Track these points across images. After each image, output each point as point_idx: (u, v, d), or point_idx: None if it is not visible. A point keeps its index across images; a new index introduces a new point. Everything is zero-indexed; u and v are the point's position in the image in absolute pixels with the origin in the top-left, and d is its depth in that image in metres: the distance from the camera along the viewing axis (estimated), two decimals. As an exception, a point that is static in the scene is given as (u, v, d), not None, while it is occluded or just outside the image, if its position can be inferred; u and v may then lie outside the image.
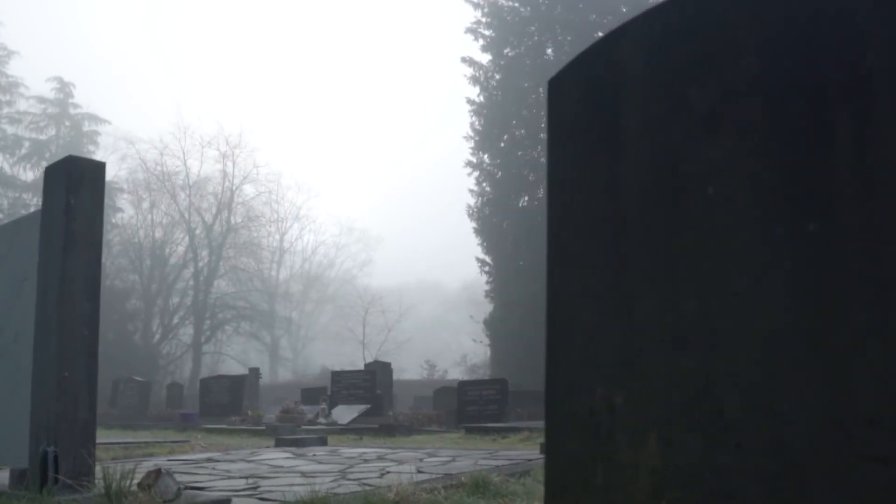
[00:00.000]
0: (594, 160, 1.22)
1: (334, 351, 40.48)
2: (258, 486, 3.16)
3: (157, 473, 2.55)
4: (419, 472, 3.56)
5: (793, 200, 0.90)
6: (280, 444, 5.69)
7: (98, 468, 2.73)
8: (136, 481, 2.53)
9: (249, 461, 4.40)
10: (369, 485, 3.12)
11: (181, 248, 32.09)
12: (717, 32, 1.03)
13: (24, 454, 2.78)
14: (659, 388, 1.04)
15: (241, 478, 3.47)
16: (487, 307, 25.78)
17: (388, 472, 3.59)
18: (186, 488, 2.76)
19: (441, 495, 2.77)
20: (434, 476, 3.30)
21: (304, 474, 3.60)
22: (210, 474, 3.64)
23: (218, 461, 4.45)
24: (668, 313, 1.04)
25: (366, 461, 4.24)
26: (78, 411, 2.71)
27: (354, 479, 3.32)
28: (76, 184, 2.83)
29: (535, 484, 3.20)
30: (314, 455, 4.71)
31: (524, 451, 4.90)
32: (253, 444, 6.63)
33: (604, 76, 1.22)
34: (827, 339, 0.84)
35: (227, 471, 3.82)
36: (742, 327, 0.93)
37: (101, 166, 2.96)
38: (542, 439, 7.49)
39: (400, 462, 4.14)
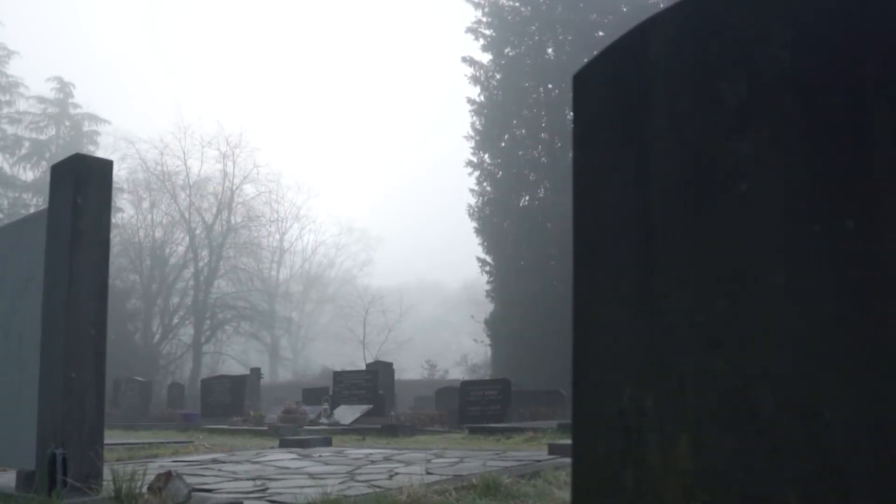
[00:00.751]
0: (621, 156, 1.19)
1: (334, 351, 40.45)
2: (267, 488, 3.13)
3: (168, 476, 2.52)
4: (428, 473, 3.53)
5: (829, 197, 0.88)
6: (285, 444, 5.66)
7: (105, 470, 2.70)
8: (145, 484, 2.50)
9: (255, 462, 4.37)
10: (379, 486, 3.09)
11: (181, 248, 32.07)
12: (747, 25, 1.00)
13: (31, 456, 2.75)
14: (690, 389, 1.01)
15: (248, 479, 3.44)
16: (488, 307, 25.76)
17: (397, 474, 3.56)
18: (196, 490, 2.72)
19: (452, 497, 2.74)
20: (444, 477, 3.27)
21: (311, 476, 3.57)
22: (216, 476, 3.61)
23: (223, 462, 4.42)
24: (699, 313, 1.02)
25: (373, 462, 4.21)
26: (85, 413, 2.68)
27: (363, 481, 3.29)
28: (83, 182, 2.80)
29: (546, 485, 3.17)
30: (320, 456, 4.68)
31: (531, 451, 4.87)
32: (257, 445, 6.60)
33: (631, 71, 1.19)
34: (866, 339, 0.81)
35: (234, 472, 3.79)
36: (778, 327, 0.91)
37: (108, 164, 2.93)
38: (547, 440, 7.47)
39: (407, 463, 4.11)
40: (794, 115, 0.95)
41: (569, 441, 3.83)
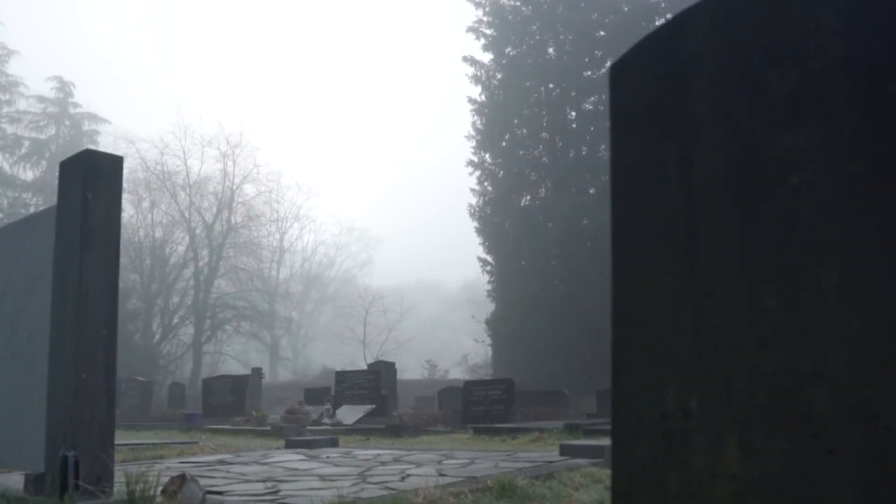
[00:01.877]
0: (663, 150, 1.15)
1: (334, 351, 40.45)
2: (278, 491, 3.08)
3: (182, 479, 2.47)
4: (440, 474, 3.48)
5: (885, 190, 0.84)
6: (290, 445, 5.62)
7: (116, 473, 2.65)
8: (159, 486, 2.45)
9: (263, 463, 4.33)
10: (393, 488, 3.05)
11: (181, 248, 32.05)
12: (795, 13, 0.96)
13: (40, 458, 2.70)
14: (739, 390, 0.98)
15: (258, 481, 3.39)
16: (489, 307, 25.75)
17: (409, 475, 3.51)
18: (209, 493, 2.67)
19: (468, 499, 2.70)
20: (457, 479, 3.23)
21: (322, 477, 3.52)
22: (225, 477, 3.56)
23: (231, 463, 4.37)
24: (746, 311, 0.98)
25: (382, 463, 4.16)
26: (96, 414, 2.63)
27: (376, 483, 3.25)
28: (93, 178, 2.75)
29: (562, 487, 3.12)
30: (328, 457, 4.63)
31: (541, 452, 4.82)
32: (261, 446, 6.55)
33: (672, 61, 1.15)
34: (927, 337, 0.78)
35: (243, 474, 3.74)
36: (832, 325, 0.87)
37: (118, 160, 2.88)
38: (553, 440, 7.43)
39: (418, 464, 4.06)
40: (847, 106, 0.91)
41: (580, 441, 3.82)
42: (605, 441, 4.60)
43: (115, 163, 2.85)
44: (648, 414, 1.13)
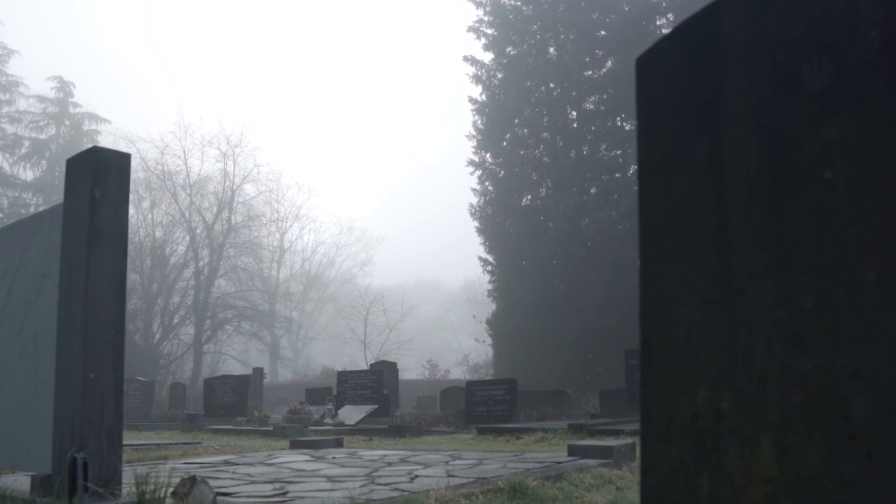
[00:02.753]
0: (692, 144, 1.12)
1: (335, 351, 40.44)
2: (287, 492, 3.05)
3: (192, 480, 2.44)
4: (449, 475, 3.45)
5: None
6: (295, 445, 5.58)
7: (125, 474, 2.62)
8: (167, 488, 2.42)
9: (269, 464, 4.29)
10: (403, 490, 3.02)
11: (182, 248, 32.01)
12: (833, 3, 0.94)
13: (46, 459, 2.67)
14: (772, 390, 0.95)
15: (265, 482, 3.36)
16: (489, 306, 25.74)
17: (418, 476, 3.48)
18: (218, 494, 2.64)
19: (480, 500, 2.67)
20: (467, 480, 3.20)
21: (329, 479, 3.49)
22: (232, 478, 3.53)
23: (236, 464, 4.34)
24: (781, 309, 0.95)
25: (389, 464, 4.13)
26: (104, 415, 2.59)
27: (385, 484, 3.22)
28: (102, 176, 2.72)
29: (573, 488, 3.09)
30: (333, 458, 4.60)
31: (549, 453, 4.79)
32: (266, 446, 6.52)
33: (702, 53, 1.12)
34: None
35: (249, 475, 3.71)
36: (872, 322, 0.85)
37: (126, 157, 2.85)
38: (558, 440, 7.41)
39: (425, 465, 4.03)
40: (885, 98, 0.89)
41: (588, 442, 3.79)
42: (613, 441, 4.58)
43: (122, 160, 2.82)
44: (679, 415, 1.11)
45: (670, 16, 23.96)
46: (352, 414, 11.41)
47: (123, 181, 2.79)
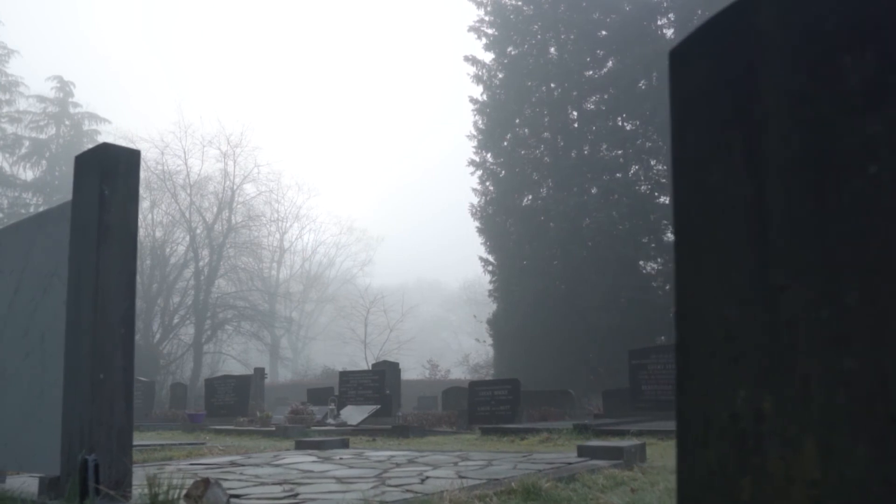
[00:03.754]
0: (728, 139, 1.09)
1: (335, 351, 40.42)
2: (297, 494, 3.01)
3: (205, 483, 2.39)
4: (460, 476, 3.41)
5: None
6: (301, 446, 5.54)
7: (135, 476, 2.57)
8: (175, 489, 2.38)
9: (276, 465, 4.25)
10: (415, 491, 2.98)
11: (182, 248, 31.98)
12: None
13: (54, 461, 2.62)
14: (816, 390, 0.91)
15: (274, 484, 3.32)
16: (489, 306, 25.72)
17: (428, 478, 3.44)
18: (233, 496, 2.60)
19: (494, 502, 2.63)
20: (479, 481, 3.16)
21: (339, 480, 3.45)
22: (240, 480, 3.49)
23: (243, 465, 4.30)
24: (823, 307, 0.92)
25: (398, 465, 4.09)
26: (114, 416, 2.55)
27: (396, 486, 3.18)
28: (111, 173, 2.67)
29: (586, 489, 3.06)
30: (340, 459, 4.56)
31: (558, 453, 4.75)
32: (270, 447, 6.48)
33: (737, 45, 1.08)
34: None
35: (257, 476, 3.67)
36: None
37: (135, 154, 2.81)
38: (563, 441, 7.37)
39: (434, 466, 3.99)
40: None
41: (598, 443, 3.74)
42: (623, 442, 4.54)
43: (132, 156, 2.77)
44: (718, 416, 1.07)
45: (671, 16, 23.95)
46: (354, 414, 11.37)
47: (132, 178, 2.75)
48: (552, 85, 25.18)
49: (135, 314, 2.74)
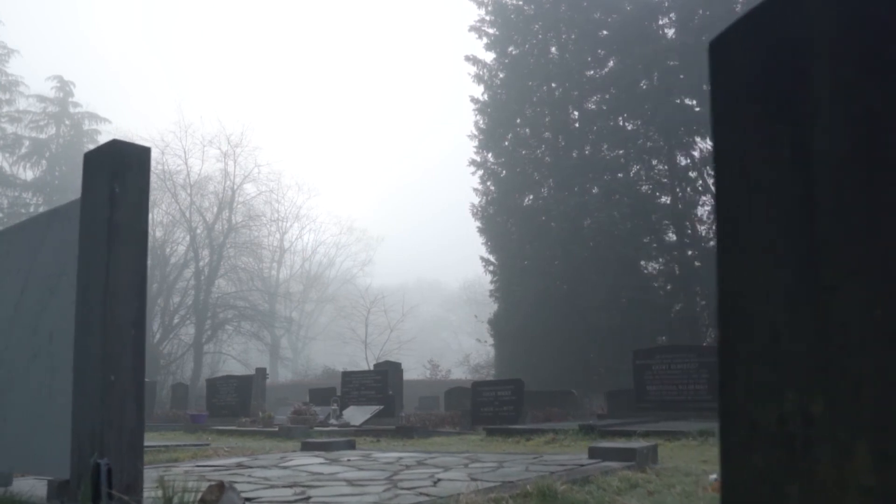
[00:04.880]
0: (775, 133, 1.04)
1: (335, 351, 40.38)
2: (309, 497, 2.96)
3: (221, 487, 2.35)
4: (472, 479, 3.37)
5: None
6: (307, 447, 5.49)
7: (146, 479, 2.53)
8: (190, 492, 2.33)
9: (284, 467, 4.21)
10: (428, 494, 2.93)
11: (182, 248, 31.95)
12: None
13: (64, 464, 2.58)
14: (869, 393, 0.88)
15: (284, 486, 3.28)
16: (489, 306, 25.70)
17: (440, 480, 3.39)
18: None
19: (511, 506, 2.59)
20: (493, 484, 3.11)
21: (349, 482, 3.40)
22: (249, 482, 3.44)
23: (250, 467, 4.26)
24: (877, 306, 0.88)
25: (407, 467, 4.05)
26: (125, 418, 2.50)
27: (409, 489, 3.13)
28: (121, 170, 2.62)
29: (602, 492, 3.01)
30: (348, 460, 4.51)
31: (568, 455, 4.70)
32: (275, 448, 6.43)
33: (785, 34, 1.04)
34: None
35: (266, 478, 3.62)
36: None
37: (146, 151, 2.76)
38: (569, 441, 7.33)
39: (445, 468, 3.95)
40: None
41: (610, 444, 3.69)
42: (635, 443, 4.50)
43: (143, 154, 2.73)
44: (764, 420, 1.04)
45: (672, 15, 23.91)
46: (357, 415, 11.32)
47: (143, 175, 2.70)
48: (553, 85, 25.15)
49: (145, 315, 2.69)
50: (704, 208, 23.20)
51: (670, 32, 24.12)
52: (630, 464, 3.79)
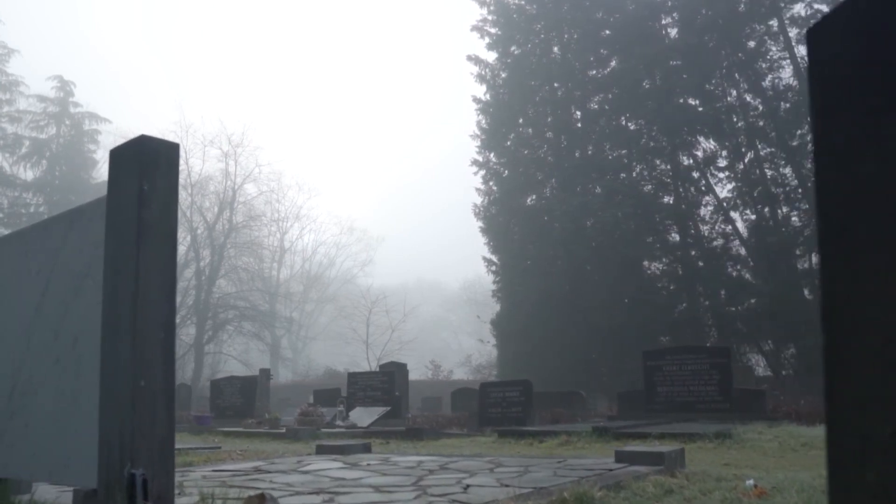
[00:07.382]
0: (882, 125, 0.96)
1: (335, 351, 40.27)
2: (339, 504, 2.88)
3: (261, 499, 2.27)
4: (502, 485, 3.28)
5: None
6: (322, 451, 5.41)
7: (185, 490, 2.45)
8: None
9: (303, 472, 4.12)
10: (462, 502, 2.85)
11: (182, 248, 31.81)
12: None
13: (90, 472, 2.49)
14: None
15: (309, 493, 3.19)
16: (489, 306, 25.62)
17: (470, 486, 3.31)
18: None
19: (551, 514, 2.51)
20: (526, 490, 3.03)
21: (376, 488, 3.32)
22: (271, 488, 3.35)
23: (268, 472, 4.17)
24: None
25: (431, 472, 3.96)
26: (156, 425, 2.42)
27: (440, 495, 3.04)
28: (150, 167, 2.54)
29: (638, 498, 2.94)
30: (368, 465, 4.42)
31: (592, 458, 4.62)
32: (289, 451, 6.34)
33: (891, 19, 0.96)
34: None
35: (288, 484, 3.54)
36: None
37: (174, 147, 2.67)
38: (583, 443, 7.25)
39: (470, 473, 3.86)
40: None
41: (637, 448, 3.59)
42: (659, 447, 4.42)
43: (171, 150, 2.64)
44: (877, 432, 0.96)
45: (675, 15, 23.84)
46: (364, 416, 11.23)
47: (172, 173, 2.61)
48: (555, 84, 25.08)
49: (175, 318, 2.61)
50: (707, 208, 23.14)
51: (673, 32, 24.06)
52: (659, 468, 3.71)
